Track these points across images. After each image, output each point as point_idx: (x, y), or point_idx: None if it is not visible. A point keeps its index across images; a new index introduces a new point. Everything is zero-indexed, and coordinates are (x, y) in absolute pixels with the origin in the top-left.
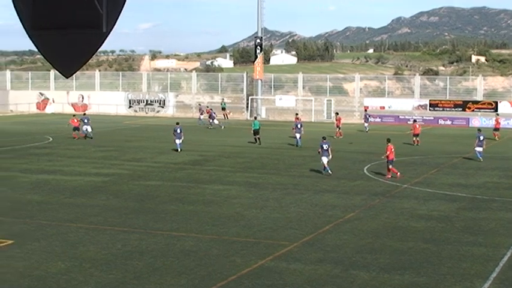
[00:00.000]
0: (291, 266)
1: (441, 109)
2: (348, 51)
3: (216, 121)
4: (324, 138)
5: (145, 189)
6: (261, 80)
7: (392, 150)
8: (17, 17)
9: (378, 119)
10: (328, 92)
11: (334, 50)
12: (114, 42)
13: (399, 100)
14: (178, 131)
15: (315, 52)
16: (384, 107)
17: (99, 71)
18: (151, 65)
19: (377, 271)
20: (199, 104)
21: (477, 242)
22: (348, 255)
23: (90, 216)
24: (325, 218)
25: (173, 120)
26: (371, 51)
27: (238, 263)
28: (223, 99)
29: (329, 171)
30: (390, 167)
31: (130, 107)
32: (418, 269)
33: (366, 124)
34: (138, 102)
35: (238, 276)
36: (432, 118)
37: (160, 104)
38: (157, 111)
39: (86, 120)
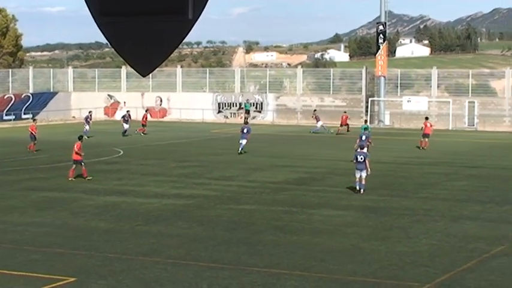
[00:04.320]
0: None
1: None
2: (497, 40)
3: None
4: (361, 147)
5: (237, 215)
6: (384, 77)
7: None
8: (83, 1)
9: None
10: (470, 91)
11: (479, 39)
12: (201, 31)
13: None
14: (245, 131)
15: (453, 41)
16: None
17: (182, 67)
18: (246, 59)
19: None
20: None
21: None
22: None
23: (169, 249)
24: (466, 253)
25: (273, 128)
26: None
27: None
28: (247, 99)
29: (359, 189)
30: None
31: (219, 112)
32: None
33: None
34: (230, 105)
35: None
36: None
37: (257, 108)
38: (253, 117)
39: None
